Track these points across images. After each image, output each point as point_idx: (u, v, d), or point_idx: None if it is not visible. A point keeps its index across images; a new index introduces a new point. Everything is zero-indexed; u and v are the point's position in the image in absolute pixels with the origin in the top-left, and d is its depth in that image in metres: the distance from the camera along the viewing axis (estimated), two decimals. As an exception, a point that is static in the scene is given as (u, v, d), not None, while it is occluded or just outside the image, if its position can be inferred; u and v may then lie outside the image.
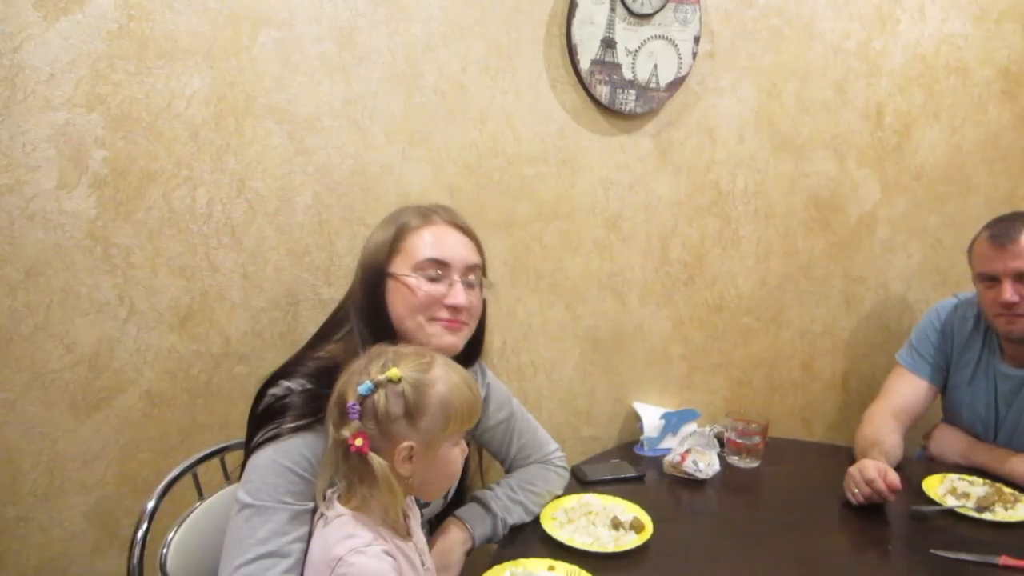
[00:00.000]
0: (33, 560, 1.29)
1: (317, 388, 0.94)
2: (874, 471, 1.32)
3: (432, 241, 1.04)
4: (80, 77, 1.19)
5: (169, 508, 1.09)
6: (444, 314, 1.03)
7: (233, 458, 1.24)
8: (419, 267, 1.03)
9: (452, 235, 1.06)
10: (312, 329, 1.38)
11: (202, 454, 1.19)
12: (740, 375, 1.77)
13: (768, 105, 1.64)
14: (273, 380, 1.02)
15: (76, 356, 1.25)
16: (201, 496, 1.17)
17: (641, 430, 1.61)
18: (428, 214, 1.06)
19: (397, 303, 1.03)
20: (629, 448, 1.61)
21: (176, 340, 1.32)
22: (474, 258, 1.07)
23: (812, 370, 1.82)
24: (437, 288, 1.03)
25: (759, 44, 1.60)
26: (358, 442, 0.87)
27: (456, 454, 0.94)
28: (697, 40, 1.52)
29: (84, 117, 1.20)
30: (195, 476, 1.17)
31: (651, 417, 1.60)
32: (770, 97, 1.64)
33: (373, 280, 1.04)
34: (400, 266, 1.03)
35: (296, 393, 0.97)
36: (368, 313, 0.99)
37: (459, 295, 1.03)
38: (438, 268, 1.03)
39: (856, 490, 1.34)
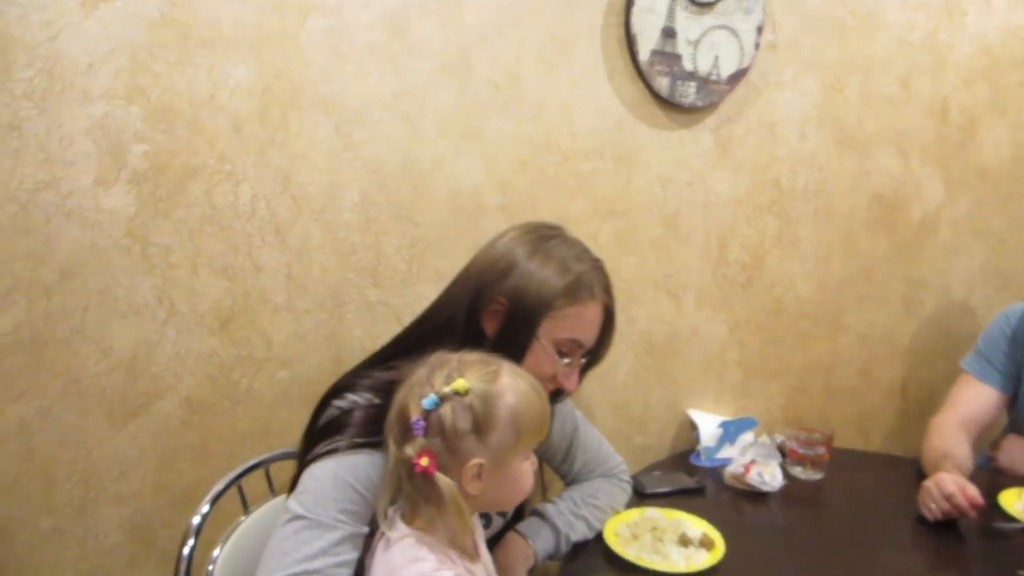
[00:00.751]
0: (68, 574, 1.23)
1: (385, 403, 0.87)
2: (953, 485, 1.24)
3: (586, 324, 0.98)
4: (119, 68, 1.13)
5: (212, 520, 1.03)
6: (550, 385, 0.98)
7: (278, 469, 1.18)
8: (560, 342, 0.97)
9: (599, 319, 1.00)
10: (358, 332, 1.34)
11: (247, 466, 1.13)
12: (797, 382, 1.69)
13: (831, 100, 1.57)
14: (337, 392, 0.95)
15: (113, 361, 1.20)
16: (246, 510, 1.11)
17: (697, 439, 1.53)
18: (592, 287, 0.98)
19: (527, 358, 0.97)
20: (684, 457, 1.54)
21: (217, 344, 1.26)
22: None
23: (871, 377, 1.75)
24: (561, 367, 0.98)
25: (822, 35, 1.53)
26: (424, 461, 0.80)
27: (527, 469, 0.87)
28: (760, 30, 1.45)
29: (123, 109, 1.14)
30: (240, 489, 1.11)
31: (708, 425, 1.53)
32: (833, 91, 1.56)
33: (523, 335, 0.96)
34: (546, 330, 0.96)
35: (362, 407, 0.91)
36: (506, 356, 0.91)
37: (574, 382, 1.00)
38: (572, 348, 0.99)
39: (933, 505, 1.26)
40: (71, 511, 1.22)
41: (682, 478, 1.41)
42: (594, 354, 1.03)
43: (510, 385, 0.84)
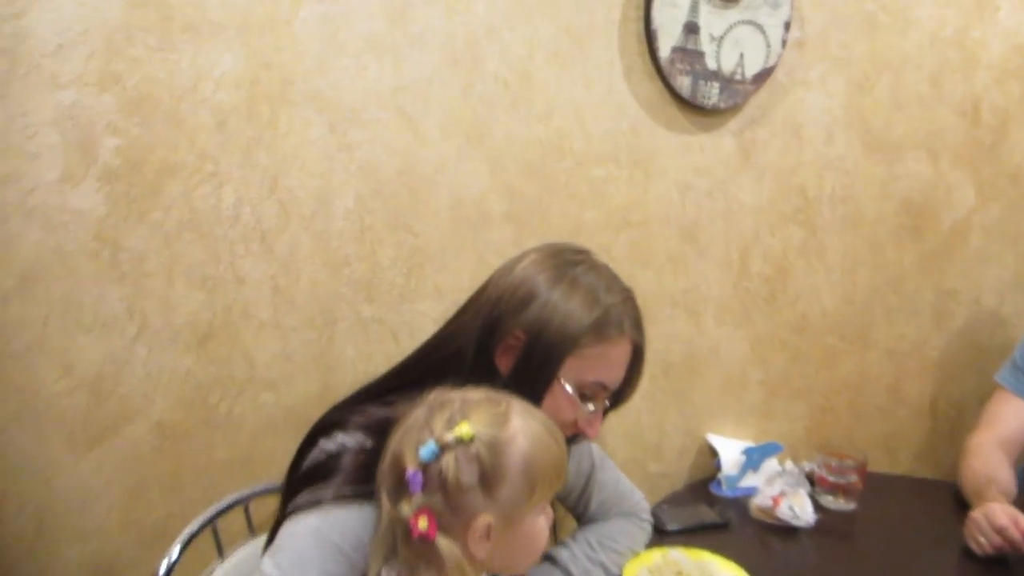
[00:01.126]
0: (19, 622, 1.10)
1: (379, 446, 0.75)
2: (1005, 518, 1.14)
3: (614, 365, 0.88)
4: (93, 50, 1.03)
5: (184, 563, 0.93)
6: (569, 431, 0.87)
7: (261, 504, 1.06)
8: (584, 385, 0.86)
9: (627, 358, 0.89)
10: (351, 352, 1.23)
11: (222, 505, 1.02)
12: (822, 401, 1.59)
13: (859, 100, 1.48)
14: (325, 429, 0.83)
15: (76, 379, 1.09)
16: (221, 554, 0.99)
17: (718, 467, 1.42)
18: (622, 323, 0.87)
19: (545, 402, 0.85)
20: (702, 487, 1.42)
21: (193, 363, 1.14)
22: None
23: (899, 394, 1.65)
24: (583, 412, 0.87)
25: (851, 32, 1.44)
26: (422, 524, 0.68)
27: (542, 524, 0.75)
28: (787, 26, 1.36)
29: (95, 98, 1.04)
30: (215, 531, 0.99)
31: (730, 452, 1.42)
32: (862, 91, 1.47)
33: (542, 376, 0.85)
34: (568, 370, 0.85)
35: (352, 451, 0.79)
36: (521, 398, 0.79)
37: (597, 428, 0.89)
38: (597, 391, 0.88)
39: (982, 539, 1.16)
40: (23, 550, 1.09)
41: (704, 511, 1.30)
42: (619, 396, 0.92)
43: (522, 429, 0.72)
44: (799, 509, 1.27)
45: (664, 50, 1.29)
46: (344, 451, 0.80)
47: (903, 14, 1.47)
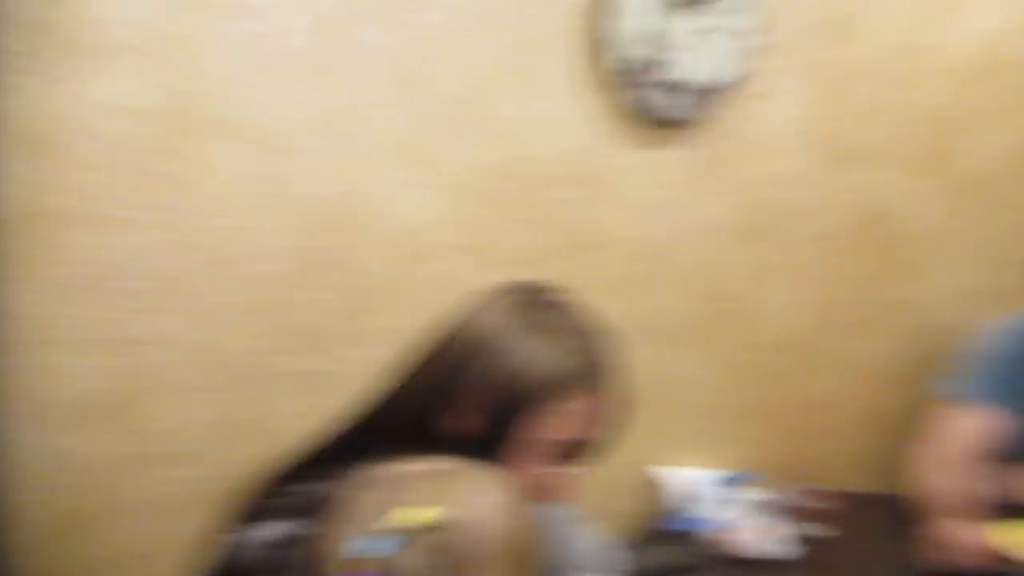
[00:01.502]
0: None
1: (319, 533, 0.64)
2: (965, 534, 1.15)
3: (588, 419, 0.76)
4: None
5: None
6: (541, 498, 0.75)
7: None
8: (555, 444, 0.75)
9: (603, 408, 0.78)
10: (292, 411, 1.11)
11: None
12: (792, 423, 1.55)
13: (825, 109, 1.43)
14: (253, 514, 0.71)
15: None
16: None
17: (687, 500, 1.37)
18: (595, 370, 0.76)
19: (511, 468, 0.73)
20: (672, 524, 1.36)
21: (97, 442, 1.02)
22: None
23: (865, 410, 1.62)
24: (556, 476, 0.76)
25: (817, 40, 1.40)
26: None
27: None
28: (750, 33, 1.30)
29: None
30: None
31: (700, 484, 1.37)
32: (827, 100, 1.43)
33: (505, 438, 0.73)
34: (536, 429, 0.75)
35: (282, 545, 0.67)
36: (484, 461, 0.69)
37: (572, 491, 0.78)
38: (571, 450, 0.76)
39: (948, 556, 1.15)
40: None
41: (674, 552, 1.25)
42: (593, 449, 0.83)
43: (492, 503, 0.61)
44: (778, 541, 1.23)
45: (623, 61, 1.21)
46: (278, 543, 0.68)
47: (868, 22, 1.43)
